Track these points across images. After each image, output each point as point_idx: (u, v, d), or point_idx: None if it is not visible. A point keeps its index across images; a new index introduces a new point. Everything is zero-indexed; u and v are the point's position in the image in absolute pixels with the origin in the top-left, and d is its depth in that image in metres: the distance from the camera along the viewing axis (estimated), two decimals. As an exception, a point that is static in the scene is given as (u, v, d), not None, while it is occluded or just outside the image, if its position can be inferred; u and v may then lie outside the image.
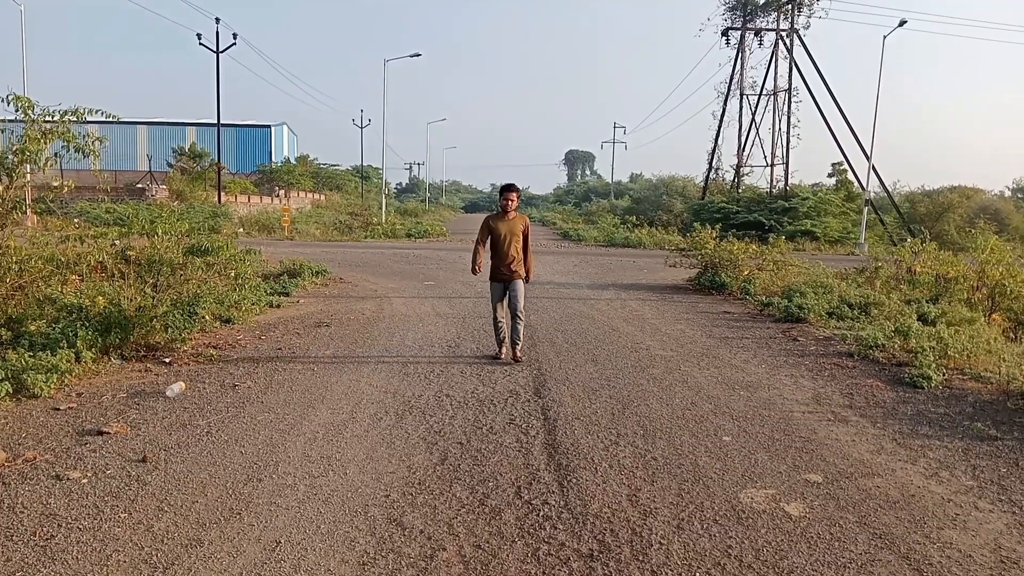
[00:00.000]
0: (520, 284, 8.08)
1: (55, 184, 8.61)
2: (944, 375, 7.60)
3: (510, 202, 8.04)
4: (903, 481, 4.89)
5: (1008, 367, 7.47)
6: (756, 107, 40.69)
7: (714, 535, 4.03)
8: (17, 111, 7.45)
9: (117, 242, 9.54)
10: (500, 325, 8.24)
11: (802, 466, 5.13)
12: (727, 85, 41.71)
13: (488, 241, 8.22)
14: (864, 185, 35.36)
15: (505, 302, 8.14)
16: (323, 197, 56.96)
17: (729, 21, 41.57)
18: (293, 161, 59.05)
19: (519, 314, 8.04)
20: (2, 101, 7.32)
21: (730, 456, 5.29)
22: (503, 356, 8.20)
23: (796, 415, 6.38)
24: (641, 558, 3.76)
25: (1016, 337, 10.53)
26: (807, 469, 5.07)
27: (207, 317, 8.96)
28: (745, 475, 4.93)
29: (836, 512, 4.37)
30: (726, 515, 4.29)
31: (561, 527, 4.09)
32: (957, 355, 8.13)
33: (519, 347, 8.22)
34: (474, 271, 8.26)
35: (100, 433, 5.39)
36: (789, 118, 38.86)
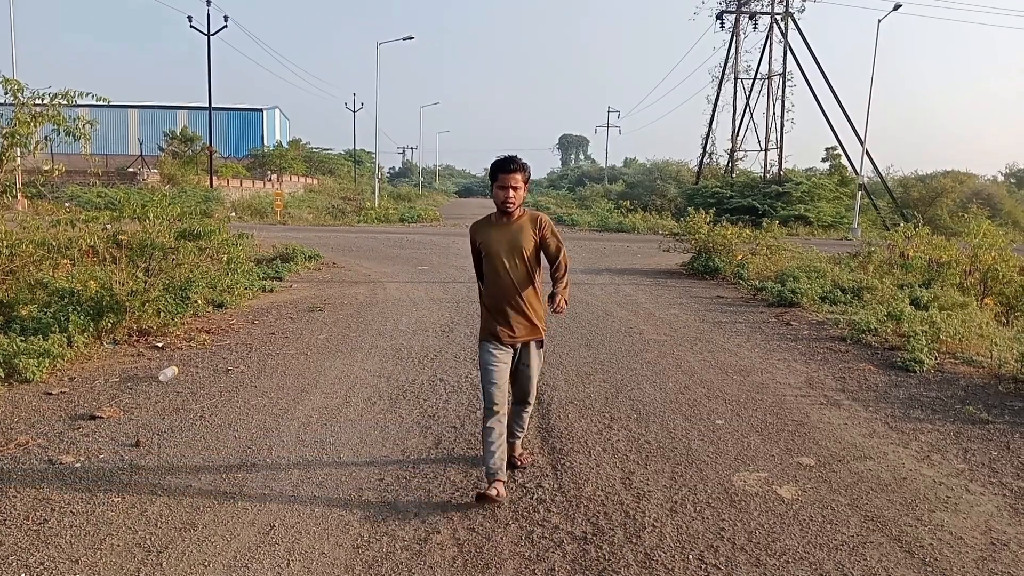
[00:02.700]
0: (536, 352, 4.45)
1: (45, 168, 8.54)
2: (936, 359, 7.63)
3: (510, 191, 4.18)
4: (895, 464, 4.91)
5: (1000, 351, 7.51)
6: (750, 91, 40.73)
7: (707, 518, 4.05)
8: (6, 94, 7.38)
9: (108, 226, 9.47)
10: (494, 433, 4.19)
11: (795, 449, 5.15)
12: (721, 69, 41.68)
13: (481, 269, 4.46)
14: (858, 170, 35.39)
15: (506, 386, 4.36)
16: (316, 181, 56.71)
17: (724, 4, 41.50)
18: (285, 145, 58.73)
19: (529, 398, 4.55)
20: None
21: (723, 439, 5.31)
22: (498, 495, 4.06)
23: (789, 399, 6.40)
24: (634, 540, 3.78)
25: (1008, 321, 10.59)
26: (800, 452, 5.09)
27: (199, 302, 8.93)
28: (738, 458, 4.95)
29: (828, 495, 4.39)
30: (719, 498, 4.31)
31: (555, 510, 4.10)
32: (949, 339, 8.17)
33: (520, 440, 4.70)
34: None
35: (93, 417, 5.37)
36: (783, 102, 38.90)
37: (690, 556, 3.63)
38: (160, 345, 7.65)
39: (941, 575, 3.51)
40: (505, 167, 4.21)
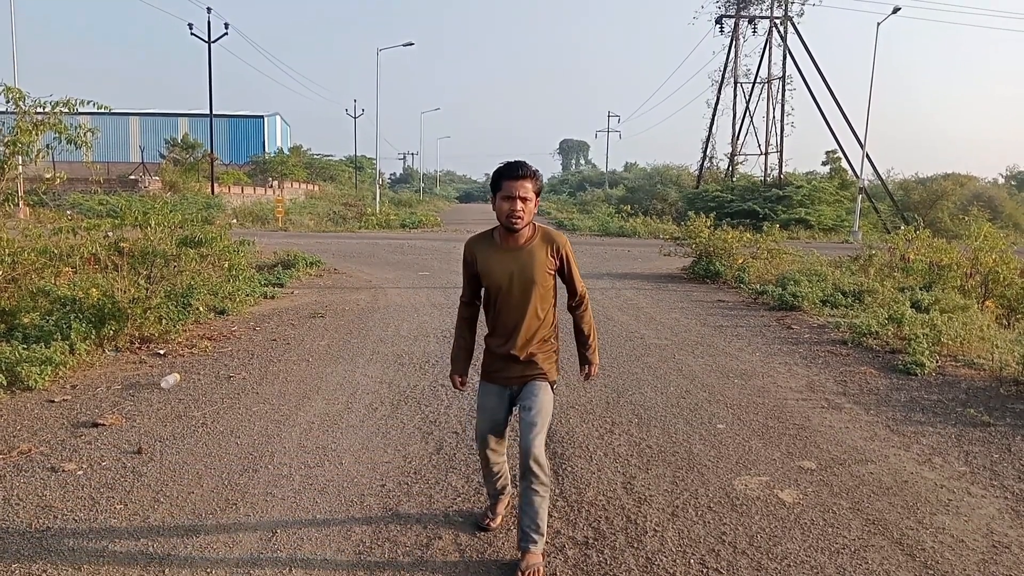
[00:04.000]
0: (543, 391, 3.59)
1: (47, 176, 8.55)
2: (937, 362, 7.63)
3: (518, 203, 3.37)
4: (896, 467, 4.92)
5: (1001, 353, 7.51)
6: (750, 95, 40.77)
7: (708, 522, 4.06)
8: (8, 102, 7.40)
9: (110, 234, 9.49)
10: (496, 471, 3.86)
11: (796, 453, 5.15)
12: (721, 73, 41.76)
13: (480, 297, 3.79)
14: (858, 173, 35.41)
15: (505, 430, 3.78)
16: (317, 188, 56.77)
17: (723, 8, 41.58)
18: (286, 152, 58.76)
19: (534, 467, 3.39)
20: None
21: (724, 444, 5.31)
22: (493, 524, 3.93)
23: (790, 402, 6.40)
24: (636, 545, 3.78)
25: (1009, 324, 10.59)
26: (801, 456, 5.10)
27: (201, 308, 8.95)
28: (739, 462, 4.96)
29: (829, 498, 4.40)
30: (720, 502, 4.32)
31: (556, 515, 4.11)
32: (950, 342, 8.17)
33: (535, 552, 3.45)
34: (455, 381, 3.86)
35: (95, 425, 5.38)
36: (783, 106, 38.97)
37: (691, 560, 3.63)
38: (162, 352, 7.67)
39: (943, 578, 3.51)
40: (511, 173, 3.37)
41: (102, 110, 8.23)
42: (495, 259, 3.52)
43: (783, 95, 38.82)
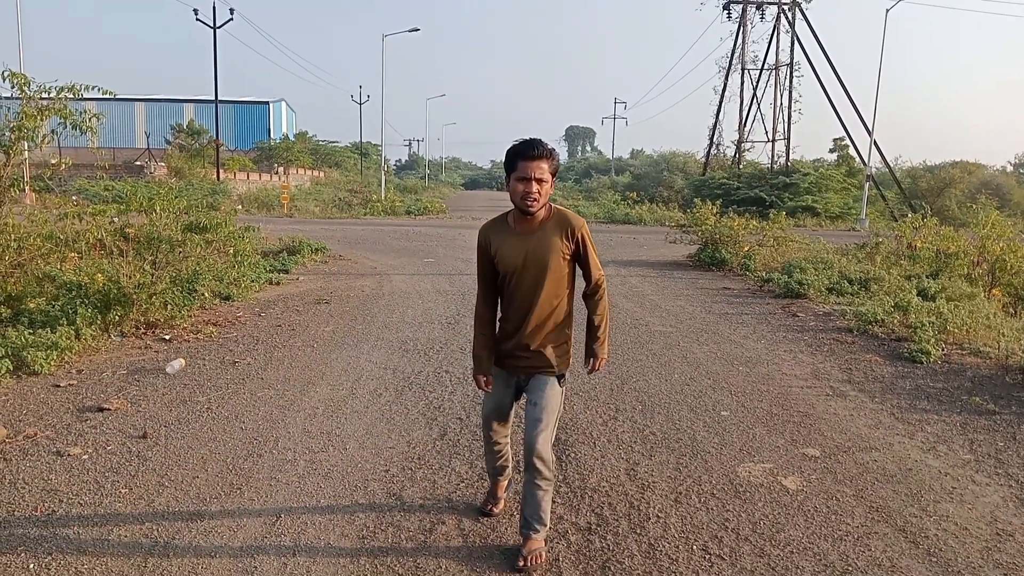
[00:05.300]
0: (550, 387, 3.53)
1: (53, 161, 8.57)
2: (943, 350, 7.61)
3: (533, 185, 3.24)
4: (901, 455, 4.91)
5: (1007, 342, 7.48)
6: (757, 82, 40.41)
7: (711, 508, 4.06)
8: (13, 88, 7.40)
9: (116, 219, 9.51)
10: (498, 450, 3.83)
11: (800, 440, 5.15)
12: (728, 59, 41.36)
13: (494, 286, 3.56)
14: (865, 160, 35.19)
15: (510, 414, 3.80)
16: (322, 174, 56.73)
17: (731, -6, 41.13)
18: (292, 138, 58.70)
19: (537, 463, 3.38)
20: (-1, 78, 7.27)
21: (728, 431, 5.31)
22: (496, 509, 3.96)
23: (795, 390, 6.39)
24: (639, 531, 3.79)
25: (1016, 312, 10.54)
26: (805, 443, 5.09)
27: (206, 294, 8.97)
28: (743, 449, 4.95)
29: (833, 486, 4.39)
30: (724, 489, 4.32)
31: (559, 501, 4.11)
32: (956, 330, 8.14)
33: (537, 538, 3.47)
34: (479, 382, 3.64)
35: (100, 409, 5.40)
36: (791, 93, 38.64)
37: (694, 547, 3.64)
38: (167, 337, 7.69)
39: (946, 565, 3.51)
40: (526, 152, 3.25)
41: (107, 96, 8.23)
42: (509, 243, 3.41)
43: (791, 82, 38.54)
